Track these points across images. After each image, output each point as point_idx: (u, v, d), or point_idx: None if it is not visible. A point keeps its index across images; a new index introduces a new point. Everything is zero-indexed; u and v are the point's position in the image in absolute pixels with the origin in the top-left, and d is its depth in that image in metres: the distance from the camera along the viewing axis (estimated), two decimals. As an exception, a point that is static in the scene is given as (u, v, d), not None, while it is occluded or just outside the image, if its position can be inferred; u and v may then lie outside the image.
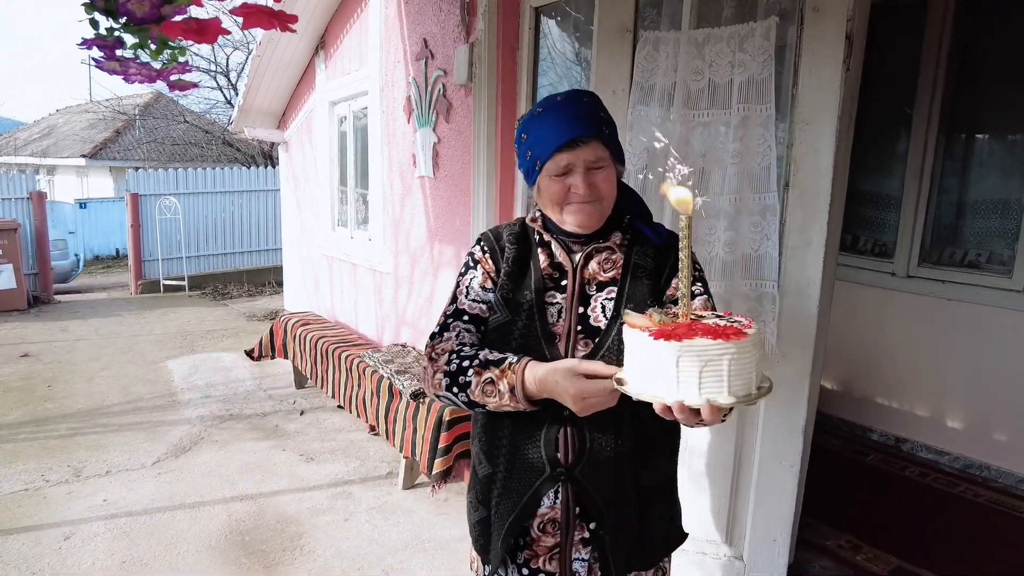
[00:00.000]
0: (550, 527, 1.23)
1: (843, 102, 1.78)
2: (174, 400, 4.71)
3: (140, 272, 9.33)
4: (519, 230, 1.32)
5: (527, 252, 1.29)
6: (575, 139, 1.16)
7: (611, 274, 1.23)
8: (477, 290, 1.28)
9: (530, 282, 1.25)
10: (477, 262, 1.31)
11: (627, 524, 1.22)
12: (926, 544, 2.57)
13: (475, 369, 1.16)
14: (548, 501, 1.22)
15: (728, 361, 0.88)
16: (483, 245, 1.33)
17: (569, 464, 1.19)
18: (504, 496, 1.25)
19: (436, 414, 3.04)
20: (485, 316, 1.27)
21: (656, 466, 1.25)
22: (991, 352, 3.12)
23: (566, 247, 1.27)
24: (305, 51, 5.05)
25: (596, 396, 1.04)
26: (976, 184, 3.30)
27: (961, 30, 3.23)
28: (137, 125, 15.81)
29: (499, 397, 1.13)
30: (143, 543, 2.86)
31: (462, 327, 1.26)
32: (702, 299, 1.21)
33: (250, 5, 1.10)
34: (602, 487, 1.19)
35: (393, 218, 4.08)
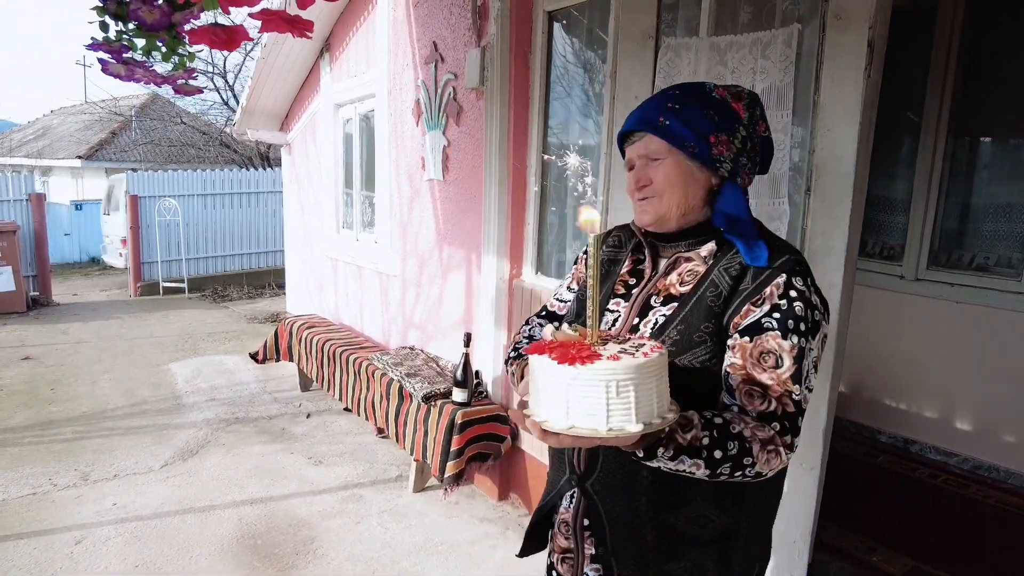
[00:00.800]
0: (563, 528, 1.25)
1: (864, 109, 1.80)
2: (179, 403, 4.69)
3: (139, 274, 9.30)
4: (623, 233, 1.30)
5: (619, 254, 1.27)
6: (626, 133, 1.17)
7: (687, 288, 1.12)
8: (563, 291, 1.39)
9: (605, 287, 1.23)
10: (575, 264, 1.40)
11: (638, 558, 1.13)
12: (940, 545, 2.59)
13: (512, 359, 1.29)
14: (565, 503, 1.23)
15: (566, 385, 0.84)
16: (586, 248, 1.32)
17: (582, 474, 1.17)
18: (546, 489, 1.32)
19: (448, 417, 3.04)
20: (561, 314, 1.36)
21: (695, 512, 1.09)
22: (999, 354, 3.14)
23: (655, 251, 1.20)
24: (310, 53, 5.05)
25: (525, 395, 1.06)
26: (984, 187, 3.33)
27: (970, 34, 3.25)
28: (133, 126, 15.75)
29: (515, 387, 1.23)
30: (155, 547, 2.86)
31: (537, 321, 1.38)
32: (772, 335, 1.02)
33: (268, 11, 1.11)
34: (611, 508, 1.13)
35: (401, 221, 4.08)
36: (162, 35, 1.42)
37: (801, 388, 1.01)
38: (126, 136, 15.58)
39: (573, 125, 2.97)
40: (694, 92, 1.13)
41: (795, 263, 1.07)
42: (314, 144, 5.37)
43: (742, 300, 1.05)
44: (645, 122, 1.12)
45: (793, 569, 2.07)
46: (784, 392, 1.00)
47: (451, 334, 3.63)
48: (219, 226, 10.04)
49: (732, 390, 1.02)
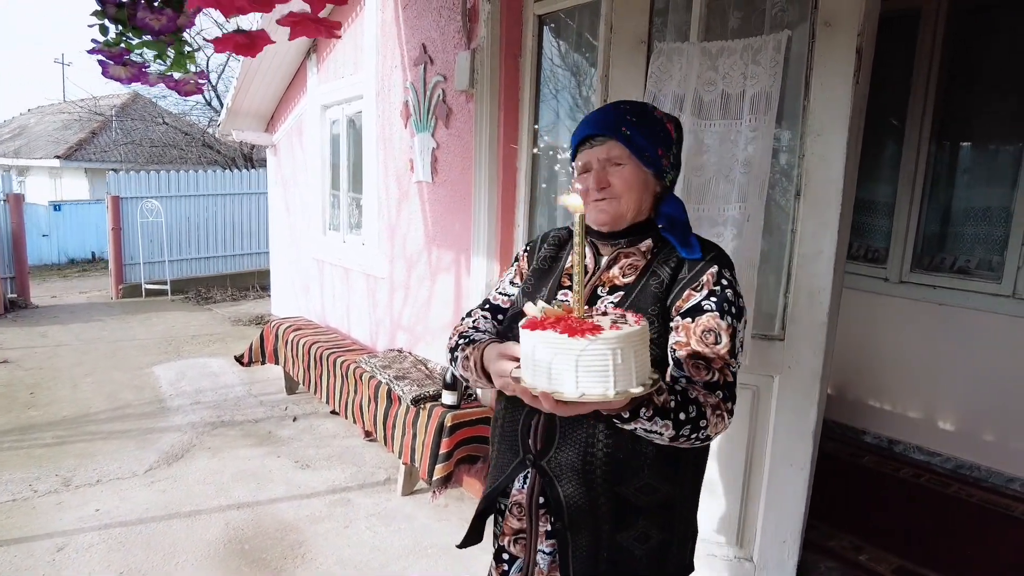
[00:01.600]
0: (515, 510, 1.30)
1: (853, 114, 1.83)
2: (163, 407, 4.63)
3: (121, 276, 9.17)
4: (564, 233, 1.40)
5: (560, 253, 1.37)
6: (588, 137, 1.24)
7: (629, 279, 1.25)
8: (506, 285, 1.42)
9: (550, 280, 1.32)
10: (517, 260, 1.44)
11: (593, 530, 1.22)
12: (925, 544, 2.63)
13: (461, 347, 1.29)
14: (518, 484, 1.28)
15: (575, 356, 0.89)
16: (528, 245, 1.45)
17: (538, 452, 1.23)
18: (491, 474, 1.36)
19: (437, 420, 3.04)
20: (505, 307, 1.39)
21: (643, 482, 1.20)
22: (980, 355, 3.20)
23: (596, 249, 1.31)
24: (296, 54, 5.02)
25: (501, 376, 1.08)
26: (966, 192, 3.39)
27: (952, 40, 3.31)
28: (114, 126, 15.53)
29: (471, 372, 1.23)
30: (140, 553, 2.81)
31: (480, 314, 1.39)
32: (711, 316, 1.16)
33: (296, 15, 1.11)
34: (568, 484, 1.21)
35: (389, 222, 4.06)
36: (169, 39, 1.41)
37: (735, 361, 1.16)
38: (106, 136, 15.37)
39: (563, 128, 2.98)
40: (644, 110, 1.26)
41: (724, 257, 1.25)
42: (300, 145, 5.34)
43: (682, 287, 1.20)
44: (610, 128, 1.23)
45: (783, 568, 2.09)
46: (724, 364, 1.14)
47: (440, 336, 3.62)
48: (202, 227, 9.93)
49: (679, 364, 1.14)
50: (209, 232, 10.02)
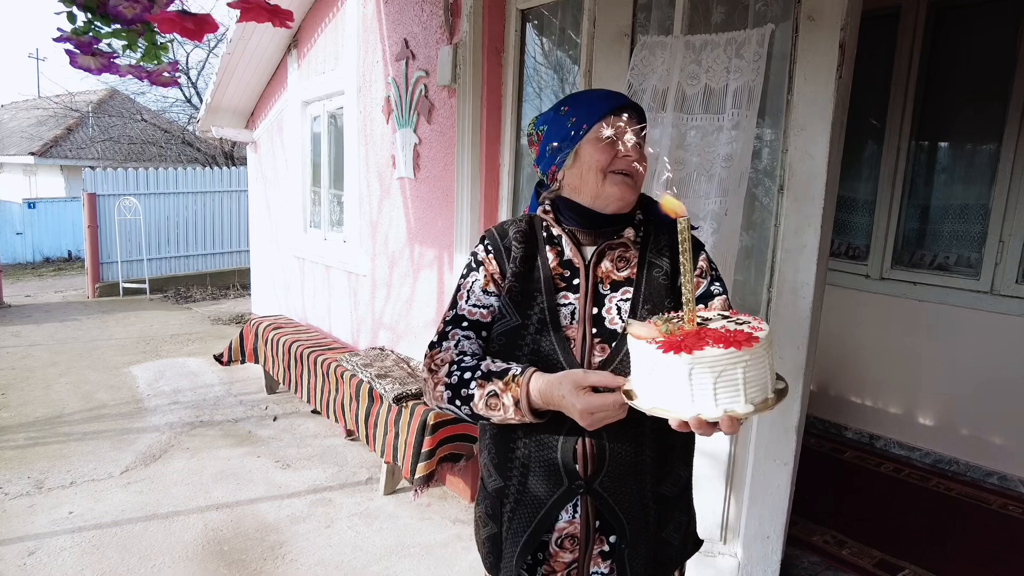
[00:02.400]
0: (568, 543, 1.18)
1: (836, 109, 1.83)
2: (140, 407, 4.55)
3: (98, 275, 9.00)
4: (525, 227, 1.24)
5: (534, 250, 1.22)
6: (626, 106, 1.17)
7: (625, 273, 1.19)
8: (479, 294, 1.21)
9: (540, 283, 1.18)
10: (480, 263, 1.24)
11: (646, 535, 1.19)
12: (906, 537, 2.65)
13: (478, 382, 1.11)
14: (567, 515, 1.17)
15: (743, 369, 0.85)
16: (487, 244, 1.25)
17: (588, 477, 1.14)
18: (517, 510, 1.20)
19: (420, 418, 3.00)
20: (487, 321, 1.20)
21: (675, 474, 1.22)
22: (959, 351, 3.24)
23: (576, 242, 1.21)
24: (277, 49, 4.95)
25: (604, 411, 1.00)
26: (944, 190, 3.43)
27: (931, 40, 3.35)
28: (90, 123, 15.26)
29: (503, 411, 1.08)
30: (115, 556, 2.75)
31: (461, 335, 1.19)
32: (721, 299, 1.18)
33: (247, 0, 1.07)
34: (622, 499, 1.15)
35: (370, 220, 4.02)
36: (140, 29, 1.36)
37: None
38: (83, 133, 15.09)
39: (546, 123, 2.96)
40: None
41: (700, 241, 1.26)
42: (281, 142, 5.27)
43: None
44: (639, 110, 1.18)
45: (767, 564, 2.09)
46: None
47: (423, 334, 3.59)
48: (182, 226, 9.79)
49: None
50: (189, 230, 9.88)
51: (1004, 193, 3.11)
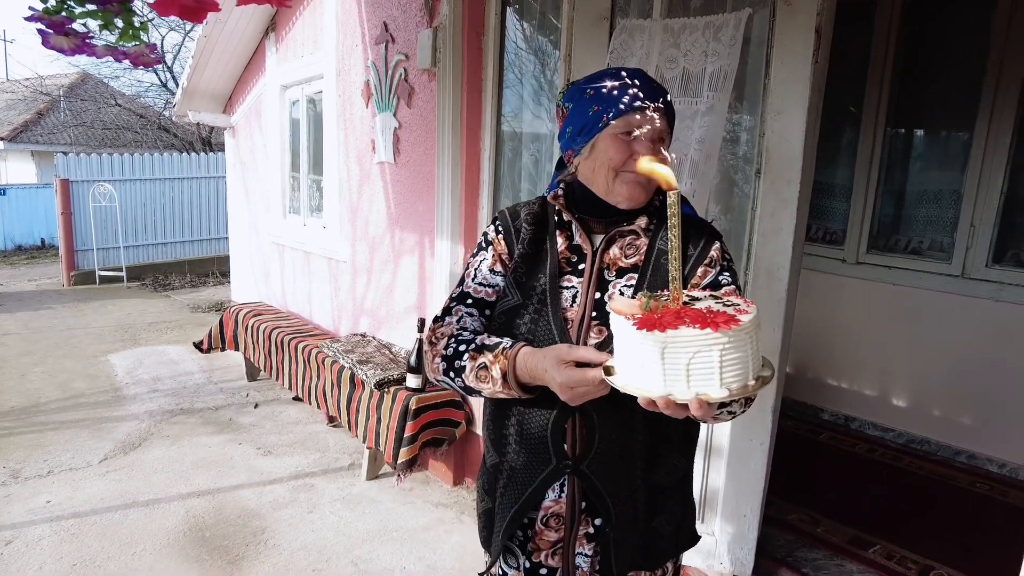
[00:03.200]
0: (553, 521, 1.20)
1: (812, 93, 1.85)
2: (118, 395, 4.50)
3: (73, 263, 8.85)
4: (538, 209, 1.25)
5: (544, 233, 1.22)
6: (655, 104, 1.10)
7: (633, 260, 1.17)
8: (485, 273, 1.23)
9: (545, 265, 1.19)
10: (490, 243, 1.26)
11: (634, 522, 1.18)
12: (878, 515, 2.72)
13: (470, 354, 1.12)
14: (553, 494, 1.18)
15: (719, 352, 0.81)
16: (498, 225, 1.27)
17: (576, 457, 1.14)
18: (509, 486, 1.22)
19: (402, 403, 3.01)
20: (491, 300, 1.22)
21: (670, 464, 1.20)
22: (931, 334, 3.31)
23: (587, 228, 1.20)
24: (254, 32, 4.87)
25: (583, 386, 0.99)
26: (919, 176, 3.48)
27: (907, 28, 3.38)
28: (62, 107, 14.92)
29: (492, 383, 1.09)
30: (94, 544, 2.74)
31: (464, 311, 1.21)
32: (728, 290, 1.13)
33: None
34: (610, 483, 1.15)
35: (350, 205, 3.99)
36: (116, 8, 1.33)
37: None
38: (54, 117, 14.75)
39: (527, 108, 2.96)
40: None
41: (718, 232, 1.22)
42: (259, 127, 5.20)
43: (694, 263, 1.16)
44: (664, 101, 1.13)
45: (744, 542, 2.13)
46: None
47: (404, 320, 3.58)
48: (159, 212, 9.64)
49: None
50: (166, 217, 9.73)
51: (975, 179, 3.16)
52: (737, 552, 2.14)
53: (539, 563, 1.24)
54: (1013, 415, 3.06)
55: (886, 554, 2.42)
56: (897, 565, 2.35)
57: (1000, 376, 3.09)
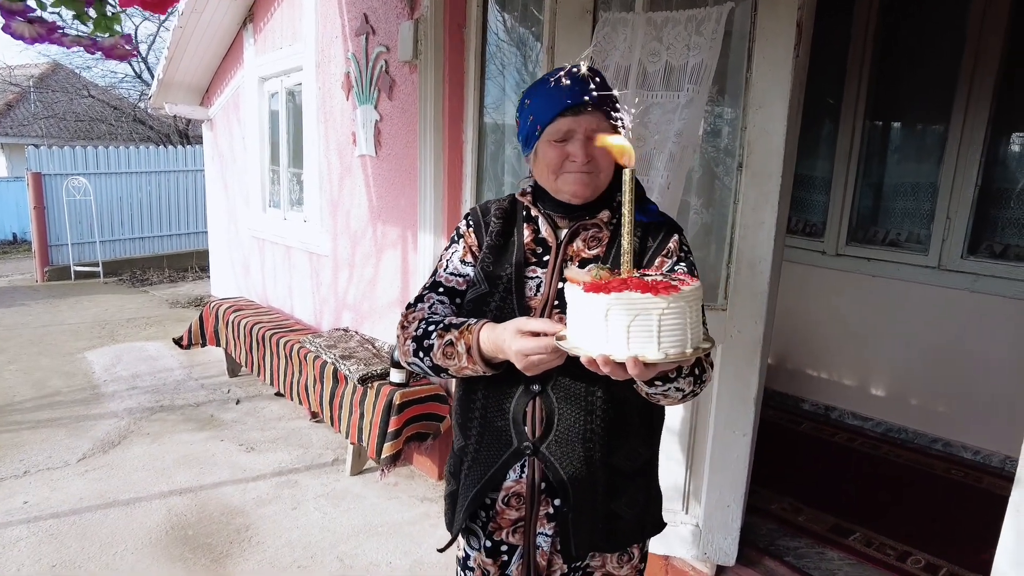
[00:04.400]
0: (514, 501, 1.24)
1: (793, 87, 1.86)
2: (97, 393, 4.43)
3: (46, 258, 8.67)
4: (507, 205, 1.32)
5: (512, 226, 1.29)
6: (578, 105, 1.15)
7: (595, 251, 1.23)
8: (456, 263, 1.30)
9: (511, 256, 1.25)
10: (461, 236, 1.33)
11: (592, 504, 1.22)
12: (857, 503, 2.77)
13: (438, 332, 1.18)
14: (514, 475, 1.23)
15: (658, 316, 0.87)
16: (469, 219, 1.34)
17: (537, 439, 1.19)
18: (472, 468, 1.27)
19: (385, 398, 3.00)
20: (461, 289, 1.28)
21: (631, 449, 1.24)
22: (908, 324, 3.36)
23: (552, 222, 1.26)
24: (232, 23, 4.79)
25: (537, 353, 1.03)
26: (897, 168, 3.53)
27: (884, 21, 3.42)
28: (32, 98, 14.57)
29: (458, 359, 1.14)
30: (74, 545, 2.70)
31: (436, 298, 1.28)
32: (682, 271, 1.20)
33: None
34: (569, 464, 1.19)
35: (331, 198, 3.95)
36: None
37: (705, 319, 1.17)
38: (24, 108, 14.39)
39: (509, 101, 2.95)
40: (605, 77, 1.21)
41: (677, 224, 1.28)
42: (238, 119, 5.12)
43: (652, 254, 1.23)
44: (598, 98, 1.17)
45: (727, 531, 2.16)
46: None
47: (387, 314, 3.56)
48: (136, 206, 9.46)
49: None
50: (143, 211, 9.55)
51: (951, 171, 3.21)
52: (720, 542, 2.17)
53: (500, 540, 1.29)
54: (987, 403, 3.13)
55: (865, 541, 2.46)
56: (876, 552, 2.40)
57: (975, 365, 3.16)
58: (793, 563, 2.28)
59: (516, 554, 1.28)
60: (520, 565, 1.27)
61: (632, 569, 1.34)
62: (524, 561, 1.27)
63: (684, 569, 2.26)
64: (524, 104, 1.23)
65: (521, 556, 1.27)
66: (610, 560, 1.31)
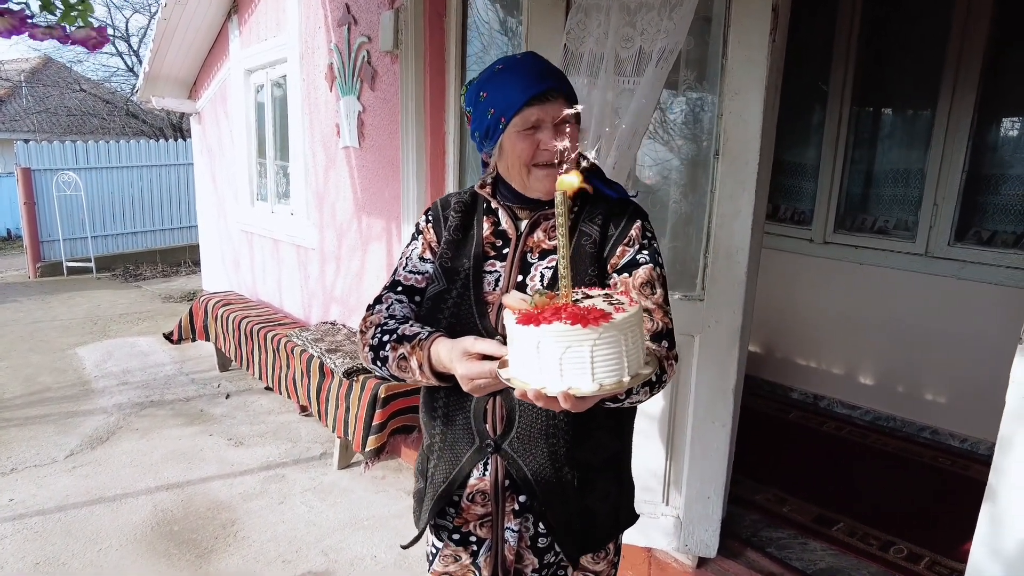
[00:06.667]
0: (479, 497, 1.23)
1: (770, 74, 1.83)
2: (87, 389, 4.42)
3: (38, 254, 8.64)
4: (467, 198, 1.29)
5: (471, 220, 1.27)
6: (546, 91, 1.12)
7: (555, 242, 1.19)
8: (415, 261, 1.28)
9: (470, 250, 1.23)
10: (420, 232, 1.31)
11: (564, 499, 1.20)
12: (843, 493, 2.76)
13: (392, 344, 1.15)
14: (478, 472, 1.22)
15: (590, 347, 0.84)
16: (428, 214, 1.32)
17: (498, 436, 1.18)
18: (439, 466, 1.26)
19: (370, 392, 2.99)
20: (421, 287, 1.26)
21: (596, 443, 1.22)
22: (896, 312, 3.35)
23: (512, 214, 1.24)
24: (217, 15, 4.74)
25: (481, 378, 1.00)
26: (883, 155, 3.50)
27: (870, 6, 3.37)
28: (24, 93, 14.50)
29: (412, 373, 1.12)
30: (59, 542, 2.70)
31: (395, 298, 1.25)
32: (647, 268, 1.18)
33: None
34: (532, 461, 1.17)
35: (317, 191, 3.93)
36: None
37: (669, 308, 1.20)
38: (15, 103, 14.32)
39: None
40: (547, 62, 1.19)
41: (641, 209, 1.25)
42: (225, 112, 5.09)
43: (614, 243, 1.20)
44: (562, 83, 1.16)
45: (708, 523, 2.15)
46: (663, 312, 1.17)
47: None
48: (128, 201, 9.41)
49: None
50: (136, 206, 9.51)
51: (938, 157, 3.18)
52: (701, 534, 2.16)
53: (469, 532, 1.28)
54: (974, 390, 3.11)
55: (849, 531, 2.45)
56: (859, 542, 2.39)
57: (961, 352, 3.14)
58: (775, 554, 2.27)
59: (484, 546, 1.27)
60: (488, 557, 1.27)
61: (607, 564, 1.33)
62: (492, 554, 1.26)
63: (666, 561, 2.25)
64: (479, 97, 1.18)
65: (489, 549, 1.26)
66: (585, 556, 1.29)
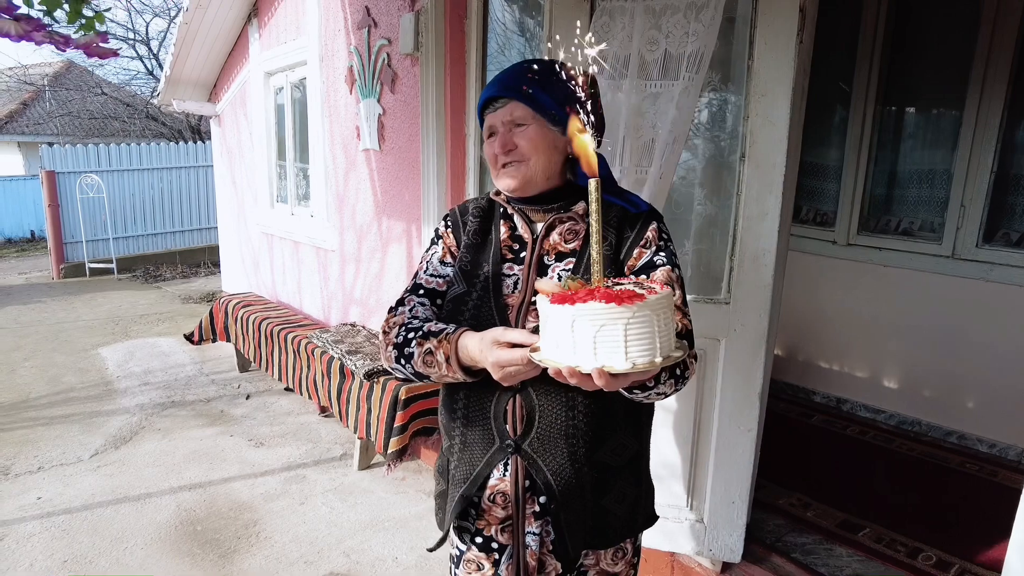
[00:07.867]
0: (500, 499, 1.24)
1: (797, 75, 1.81)
2: (109, 389, 4.48)
3: (62, 255, 8.78)
4: (485, 203, 1.33)
5: (489, 225, 1.30)
6: (489, 99, 1.21)
7: (572, 245, 1.22)
8: (436, 265, 1.31)
9: (488, 254, 1.26)
10: (440, 237, 1.34)
11: (581, 500, 1.21)
12: (869, 498, 2.72)
13: (417, 340, 1.17)
14: (498, 473, 1.22)
15: (624, 326, 0.86)
16: (448, 220, 1.35)
17: (518, 436, 1.19)
18: (458, 467, 1.27)
19: (391, 393, 2.99)
20: (442, 290, 1.28)
21: (617, 444, 1.22)
22: (921, 315, 3.30)
23: (527, 218, 1.26)
24: (237, 18, 4.79)
25: (513, 365, 1.02)
26: (909, 155, 3.44)
27: (896, 6, 3.33)
28: (47, 96, 14.72)
29: (439, 368, 1.14)
30: (86, 540, 2.73)
31: (417, 301, 1.27)
32: (664, 270, 1.18)
33: None
34: (552, 461, 1.18)
35: (337, 193, 3.95)
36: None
37: (687, 309, 1.20)
38: (39, 107, 14.55)
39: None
40: (550, 68, 1.20)
41: (657, 212, 1.27)
42: (244, 115, 5.13)
43: (630, 245, 1.21)
44: (510, 88, 1.19)
45: (732, 527, 2.13)
46: (682, 313, 1.16)
47: (393, 309, 3.56)
48: (148, 203, 9.53)
49: None
50: (156, 207, 9.63)
51: (966, 158, 3.13)
52: (726, 539, 2.14)
53: (490, 537, 1.28)
54: (1003, 395, 3.06)
55: (875, 537, 2.42)
56: (886, 548, 2.36)
57: (989, 356, 3.08)
58: (800, 560, 2.24)
59: (506, 554, 1.27)
60: (510, 565, 1.26)
61: (626, 564, 1.33)
62: (514, 561, 1.26)
63: (690, 566, 2.23)
64: None
65: (511, 556, 1.26)
66: (604, 557, 1.29)
